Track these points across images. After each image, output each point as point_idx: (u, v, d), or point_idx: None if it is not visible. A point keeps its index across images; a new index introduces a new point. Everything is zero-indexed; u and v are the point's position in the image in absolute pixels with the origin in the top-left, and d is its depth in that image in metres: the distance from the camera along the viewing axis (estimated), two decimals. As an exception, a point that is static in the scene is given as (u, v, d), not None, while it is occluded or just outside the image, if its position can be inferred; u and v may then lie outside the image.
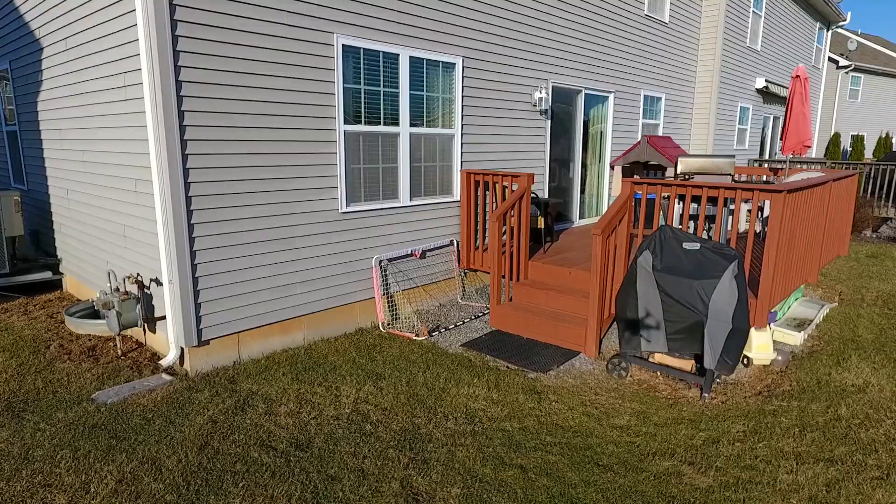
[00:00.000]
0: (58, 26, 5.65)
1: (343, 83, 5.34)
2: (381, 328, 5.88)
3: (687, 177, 4.82)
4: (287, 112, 4.94)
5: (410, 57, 5.90)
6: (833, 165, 12.98)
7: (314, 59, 5.07)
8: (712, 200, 5.39)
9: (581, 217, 9.18)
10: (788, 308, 6.75)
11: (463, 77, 6.49)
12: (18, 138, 7.37)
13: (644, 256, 4.67)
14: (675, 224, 5.37)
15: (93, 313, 5.95)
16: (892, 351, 5.58)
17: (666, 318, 4.55)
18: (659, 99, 10.43)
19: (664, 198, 5.25)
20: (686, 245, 4.58)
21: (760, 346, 5.25)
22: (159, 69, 4.15)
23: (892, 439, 3.92)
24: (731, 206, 5.53)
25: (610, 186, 9.49)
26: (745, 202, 7.47)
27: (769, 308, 4.86)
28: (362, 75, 5.52)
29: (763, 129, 14.63)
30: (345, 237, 5.59)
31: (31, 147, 7.03)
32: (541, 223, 6.77)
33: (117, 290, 4.76)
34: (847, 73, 26.63)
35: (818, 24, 17.10)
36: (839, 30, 19.34)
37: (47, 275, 6.80)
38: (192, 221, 4.47)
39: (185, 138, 4.35)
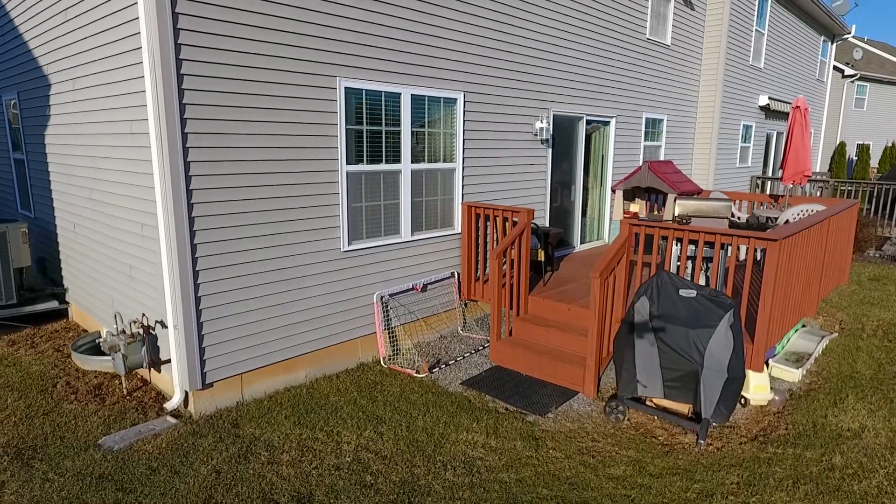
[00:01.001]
0: (66, 66, 5.76)
1: (345, 124, 5.42)
2: (383, 363, 5.96)
3: (684, 220, 4.88)
4: (290, 156, 5.03)
5: (412, 95, 5.98)
6: (836, 185, 12.99)
7: (317, 104, 5.15)
8: (710, 243, 5.44)
9: (582, 241, 9.24)
10: (788, 341, 6.78)
11: (464, 111, 6.57)
12: (26, 166, 7.48)
13: (641, 303, 4.73)
14: (674, 263, 5.42)
15: (98, 346, 6.05)
16: (889, 390, 5.62)
17: (662, 364, 4.61)
18: (661, 120, 10.47)
19: (662, 239, 5.31)
20: (683, 292, 4.63)
21: (758, 387, 5.30)
22: (166, 119, 4.24)
23: (884, 492, 3.97)
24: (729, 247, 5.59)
25: (611, 210, 9.54)
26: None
27: (765, 351, 4.91)
28: (364, 115, 5.60)
29: (766, 145, 14.64)
30: (346, 275, 5.67)
31: (39, 176, 7.14)
32: (541, 256, 6.84)
33: (123, 332, 4.85)
34: (853, 82, 26.56)
35: (822, 38, 17.09)
36: (845, 38, 19.30)
37: (54, 304, 6.91)
38: (196, 269, 4.56)
39: (190, 188, 4.44)
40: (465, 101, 6.55)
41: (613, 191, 9.41)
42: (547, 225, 8.25)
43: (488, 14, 6.62)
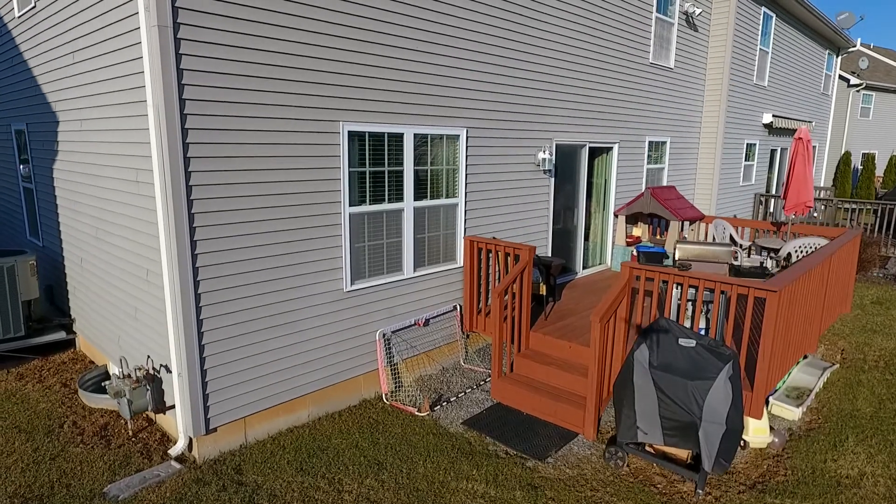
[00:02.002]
0: (73, 106, 5.84)
1: (348, 167, 5.48)
2: (385, 399, 6.01)
3: (685, 266, 4.92)
4: (293, 202, 5.08)
5: (415, 134, 6.03)
6: (839, 205, 12.96)
7: (319, 149, 5.21)
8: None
9: (585, 267, 9.26)
10: (789, 376, 6.80)
11: (467, 147, 6.61)
12: (34, 195, 7.58)
13: (641, 351, 4.77)
14: (674, 304, 5.45)
15: (105, 380, 6.13)
16: (889, 430, 5.63)
17: (661, 413, 4.64)
18: (664, 143, 10.49)
19: (662, 283, 5.34)
20: (682, 341, 4.67)
21: (757, 430, 5.32)
22: (170, 172, 4.30)
23: (882, 549, 3.99)
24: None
25: (614, 234, 9.57)
26: (749, 249, 7.52)
27: (764, 397, 4.94)
28: (367, 157, 5.65)
29: (770, 161, 14.63)
30: (349, 314, 5.73)
31: (47, 206, 7.23)
32: (542, 290, 6.88)
33: (128, 376, 4.92)
34: (858, 91, 26.46)
35: (827, 51, 17.05)
36: (850, 52, 19.22)
37: (61, 335, 6.99)
38: (201, 317, 4.62)
39: (194, 239, 4.50)
40: (467, 137, 6.60)
41: (616, 215, 9.44)
42: (549, 254, 8.28)
43: (491, 50, 6.67)
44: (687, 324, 5.50)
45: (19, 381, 6.20)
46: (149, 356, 5.23)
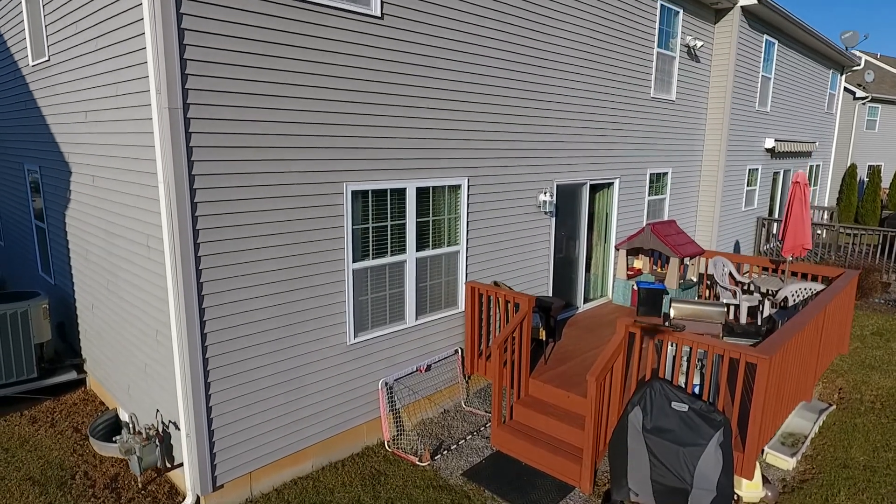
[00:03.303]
0: (85, 161, 6.02)
1: (352, 225, 5.63)
2: (387, 446, 6.16)
3: (678, 327, 5.05)
4: (298, 263, 5.24)
5: (417, 188, 6.18)
6: (841, 229, 13.01)
7: (324, 210, 5.36)
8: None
9: (586, 300, 9.38)
10: (783, 422, 6.90)
11: (468, 195, 6.75)
12: (46, 235, 7.77)
13: (635, 413, 4.89)
14: (668, 363, 5.58)
15: (115, 425, 6.32)
16: (881, 483, 5.73)
17: (653, 477, 4.77)
18: (665, 174, 10.59)
19: (657, 342, 5.46)
20: (675, 405, 4.79)
21: (750, 486, 5.43)
22: (179, 240, 4.45)
23: None
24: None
25: (615, 267, 9.68)
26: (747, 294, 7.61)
27: (756, 457, 5.05)
28: (370, 213, 5.80)
29: (773, 184, 14.69)
30: (352, 366, 5.88)
31: (58, 248, 7.42)
32: (542, 335, 7.01)
33: (139, 433, 5.09)
34: (864, 104, 26.41)
35: (831, 71, 17.07)
36: (854, 70, 19.21)
37: (72, 375, 7.18)
38: (209, 380, 4.78)
39: (203, 306, 4.66)
40: (469, 185, 6.74)
41: (617, 248, 9.55)
42: (550, 291, 8.41)
43: (491, 99, 6.80)
44: (682, 379, 5.62)
45: (32, 426, 6.38)
46: (158, 410, 5.40)
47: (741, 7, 10.95)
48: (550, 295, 8.47)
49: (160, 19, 4.10)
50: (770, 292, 7.92)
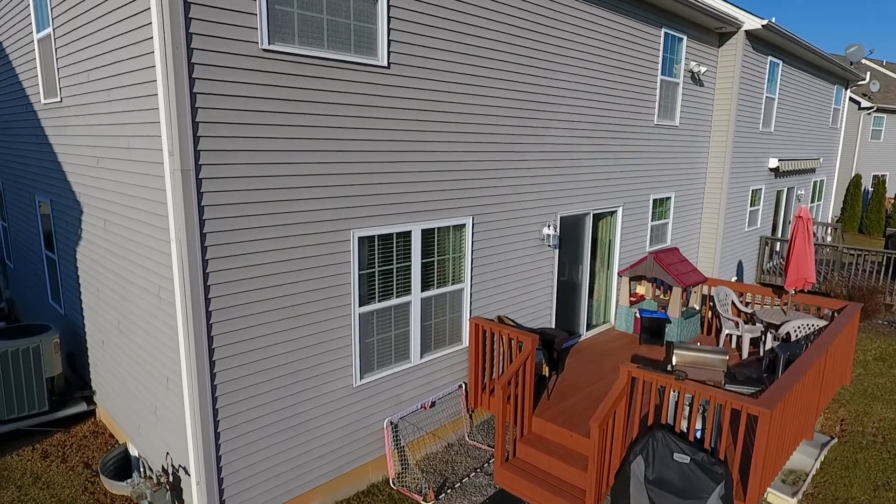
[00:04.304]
0: (97, 204, 6.12)
1: (358, 270, 5.72)
2: (392, 484, 6.25)
3: (681, 374, 5.12)
4: (306, 311, 5.33)
5: (422, 230, 6.26)
6: (845, 250, 13.04)
7: (332, 258, 5.46)
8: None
9: (588, 326, 9.45)
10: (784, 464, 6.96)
11: (473, 233, 6.84)
12: (57, 266, 7.88)
13: (637, 463, 4.97)
14: (671, 407, 5.64)
15: (125, 460, 6.43)
16: (881, 528, 5.80)
17: (656, 528, 4.84)
18: (668, 198, 10.65)
19: (660, 388, 5.53)
20: (677, 456, 4.86)
21: (750, 530, 5.50)
22: (191, 295, 4.55)
23: None
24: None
25: (618, 294, 9.74)
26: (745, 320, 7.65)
27: (757, 505, 5.11)
28: (376, 257, 5.89)
29: (776, 202, 14.71)
30: (358, 407, 5.97)
31: (69, 280, 7.53)
32: (545, 371, 7.08)
33: (150, 478, 5.19)
34: (869, 114, 26.35)
35: (836, 86, 17.07)
36: (859, 84, 19.20)
37: (82, 407, 7.30)
38: (219, 430, 4.88)
39: (213, 359, 4.76)
40: (473, 224, 6.82)
41: (620, 275, 9.61)
42: (553, 321, 8.48)
43: (495, 138, 6.88)
44: (684, 424, 5.68)
45: (44, 461, 6.50)
46: (168, 453, 5.50)
47: (745, 31, 10.99)
48: (553, 325, 8.55)
49: (173, 86, 4.20)
50: (773, 328, 7.97)
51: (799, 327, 7.42)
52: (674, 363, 5.79)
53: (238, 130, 4.62)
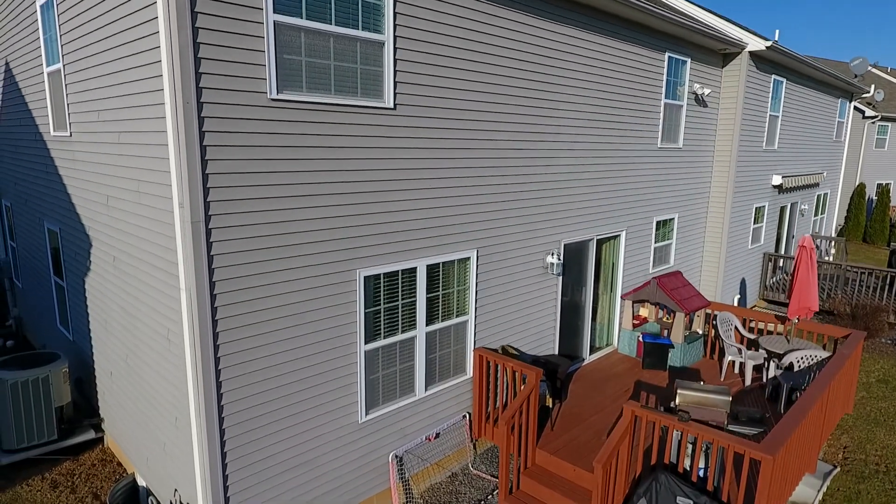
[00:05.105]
0: (106, 240, 6.20)
1: (364, 308, 5.78)
2: (397, 517, 6.32)
3: (684, 415, 5.17)
4: (312, 351, 5.39)
5: (427, 265, 6.32)
6: (848, 268, 13.05)
7: (338, 298, 5.52)
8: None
9: (591, 350, 9.49)
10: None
11: (477, 265, 6.89)
12: (65, 293, 7.97)
13: (640, 506, 5.02)
14: (674, 448, 5.69)
15: (133, 491, 6.50)
16: (883, 565, 5.83)
17: (659, 571, 4.89)
18: (671, 219, 10.69)
19: (663, 428, 5.58)
20: (680, 500, 4.91)
21: (753, 569, 5.54)
22: (200, 340, 4.62)
23: None
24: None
25: (621, 317, 9.79)
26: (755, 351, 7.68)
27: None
28: (381, 295, 5.95)
29: (780, 218, 14.72)
30: (364, 442, 6.03)
31: (77, 307, 7.61)
32: (549, 402, 7.13)
33: (158, 517, 5.27)
34: (874, 123, 26.32)
35: (840, 99, 17.06)
36: (863, 97, 19.18)
37: (90, 434, 7.38)
38: (227, 472, 4.95)
39: (222, 403, 4.83)
40: (478, 256, 6.88)
41: (623, 298, 9.65)
42: (557, 347, 8.53)
43: (500, 171, 6.94)
44: (687, 462, 5.73)
45: (54, 492, 6.58)
46: (176, 490, 5.58)
47: (749, 52, 11.02)
48: (557, 350, 8.60)
49: (184, 141, 4.27)
50: (775, 357, 8.00)
51: (801, 358, 7.46)
52: (677, 402, 5.83)
53: (246, 179, 4.68)
